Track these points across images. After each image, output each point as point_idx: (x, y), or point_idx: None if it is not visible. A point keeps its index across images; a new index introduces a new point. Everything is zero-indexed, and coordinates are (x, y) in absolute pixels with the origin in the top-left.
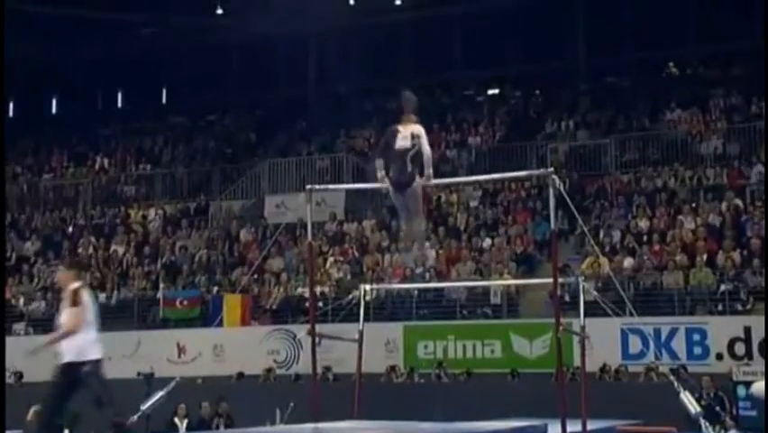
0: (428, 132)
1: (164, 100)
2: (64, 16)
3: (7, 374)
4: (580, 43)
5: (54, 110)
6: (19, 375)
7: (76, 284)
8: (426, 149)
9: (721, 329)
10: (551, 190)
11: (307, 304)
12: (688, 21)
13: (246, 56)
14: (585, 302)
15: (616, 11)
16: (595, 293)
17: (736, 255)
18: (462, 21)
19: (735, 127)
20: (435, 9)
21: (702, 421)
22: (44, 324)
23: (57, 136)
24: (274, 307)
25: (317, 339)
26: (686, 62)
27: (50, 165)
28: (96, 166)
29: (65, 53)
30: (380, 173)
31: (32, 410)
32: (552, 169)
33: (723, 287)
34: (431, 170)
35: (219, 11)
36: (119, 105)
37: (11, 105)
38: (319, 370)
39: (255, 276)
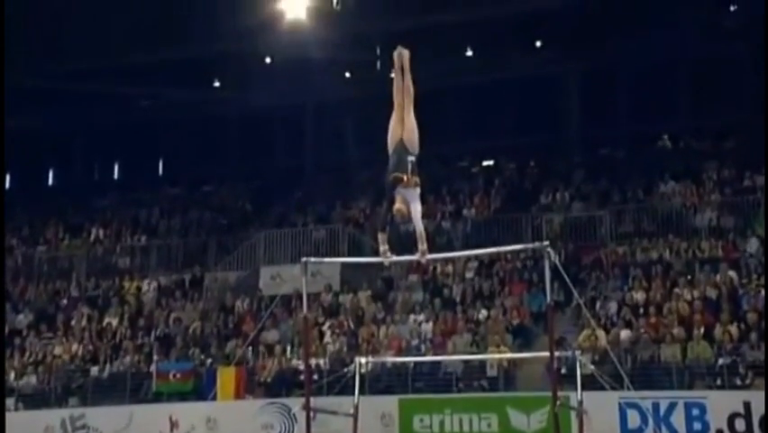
0: (423, 202)
1: (160, 171)
2: (62, 89)
3: None
4: (574, 116)
5: (51, 181)
6: None
7: None
8: (418, 222)
9: (721, 404)
10: (546, 262)
11: (302, 377)
12: (681, 94)
13: (242, 127)
14: (582, 376)
15: (609, 84)
16: (592, 367)
17: (734, 329)
18: (457, 93)
19: (728, 200)
20: (430, 82)
21: None
22: (34, 398)
23: (53, 207)
24: (269, 380)
25: (312, 413)
26: (679, 135)
27: (45, 237)
28: (92, 237)
29: (63, 125)
30: (383, 247)
31: None
32: (547, 241)
33: (721, 361)
34: (425, 246)
35: (216, 84)
36: (116, 176)
37: (7, 177)
38: None
39: (250, 348)
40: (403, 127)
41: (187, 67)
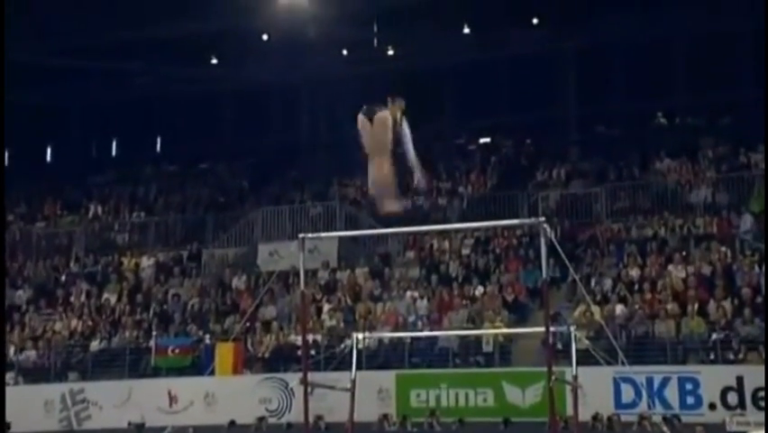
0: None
1: (158, 148)
2: (60, 66)
3: None
4: (570, 93)
5: (49, 158)
6: (7, 426)
7: None
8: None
9: (714, 379)
10: (542, 239)
11: (300, 352)
12: (677, 72)
13: (240, 105)
14: (577, 351)
15: (606, 62)
16: (587, 342)
17: (728, 304)
18: (454, 70)
19: (723, 177)
20: (427, 60)
21: None
22: (34, 373)
23: (51, 184)
24: (266, 355)
25: (310, 388)
26: (675, 112)
27: (44, 213)
28: (90, 214)
29: (60, 102)
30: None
31: None
32: (543, 218)
33: (714, 336)
34: (419, 171)
35: (214, 60)
36: (113, 153)
37: (5, 153)
38: (311, 419)
39: (248, 324)
40: None
41: (184, 44)
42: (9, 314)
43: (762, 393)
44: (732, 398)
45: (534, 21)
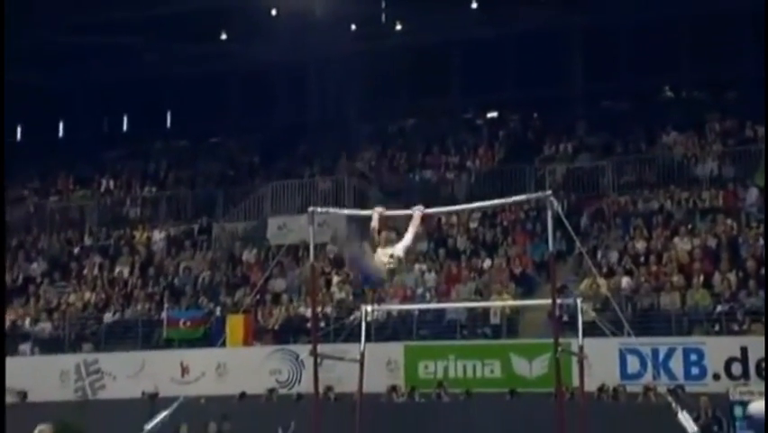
0: (428, 154)
1: (168, 124)
2: (70, 43)
3: (12, 393)
4: (577, 68)
5: (61, 134)
6: (24, 395)
7: None
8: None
9: (718, 350)
10: (549, 212)
11: (309, 324)
12: (683, 46)
13: (249, 80)
14: (583, 322)
15: (612, 36)
16: (593, 314)
17: (732, 277)
18: (462, 46)
19: (730, 150)
20: (435, 35)
21: None
22: (49, 344)
23: (63, 160)
24: (276, 327)
25: (319, 359)
26: (681, 87)
27: (57, 188)
28: (102, 188)
29: (72, 79)
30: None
31: (37, 430)
32: (550, 191)
33: (719, 308)
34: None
35: (223, 36)
36: (124, 129)
37: (18, 129)
38: (321, 390)
39: (258, 296)
40: None
41: (194, 20)
42: (24, 286)
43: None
44: (736, 368)
45: None
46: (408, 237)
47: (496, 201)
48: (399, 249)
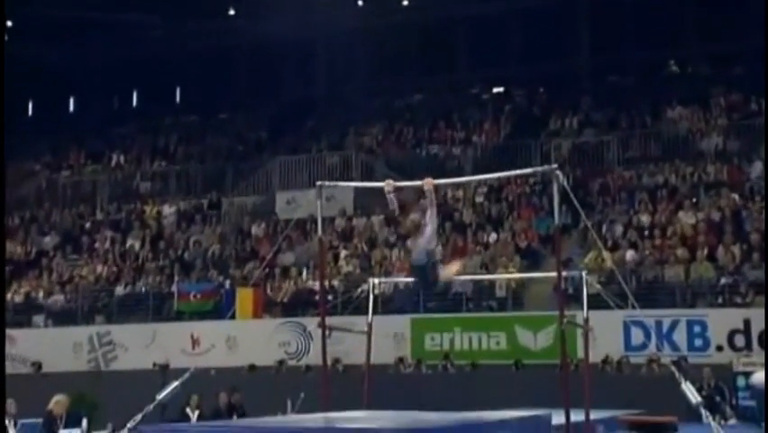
0: (434, 129)
1: (178, 100)
2: (81, 20)
3: (26, 364)
4: (583, 43)
5: (72, 110)
6: (38, 366)
7: None
8: (430, 232)
9: (721, 322)
10: (555, 186)
11: (317, 297)
12: (688, 20)
13: (257, 56)
14: (588, 295)
15: (618, 11)
16: (598, 286)
17: (736, 249)
18: (468, 22)
19: (735, 124)
20: (442, 11)
21: (703, 411)
22: (62, 316)
23: (74, 135)
24: (285, 300)
25: (327, 331)
26: (687, 61)
27: (68, 163)
28: (113, 163)
29: (82, 55)
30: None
31: (53, 400)
32: (556, 165)
33: (723, 280)
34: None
35: (231, 12)
36: (134, 104)
37: (30, 105)
38: (329, 361)
39: (267, 270)
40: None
41: None
42: (38, 259)
43: None
44: (739, 340)
45: None
46: (433, 219)
47: (502, 173)
48: (433, 240)
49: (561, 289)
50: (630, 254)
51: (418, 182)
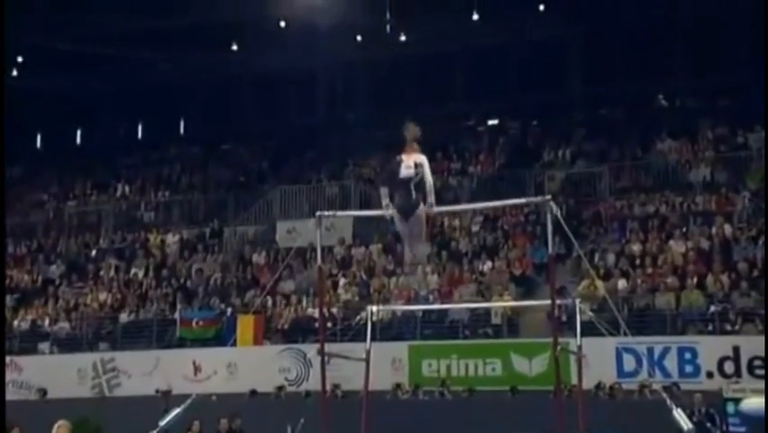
0: (431, 160)
1: (182, 131)
2: (88, 53)
3: (32, 391)
4: (575, 76)
5: (78, 141)
6: (43, 392)
7: None
8: (428, 177)
9: (711, 349)
10: (548, 216)
11: (317, 324)
12: (677, 55)
13: (259, 88)
14: (581, 322)
15: (609, 46)
16: (591, 314)
17: (725, 278)
18: (463, 55)
19: (721, 156)
20: (438, 44)
21: None
22: (67, 343)
23: (81, 165)
24: (285, 327)
25: (327, 358)
26: (675, 95)
27: (74, 193)
28: (118, 193)
29: (89, 87)
30: (385, 201)
31: (56, 426)
32: (549, 196)
33: (712, 308)
34: (433, 198)
35: (234, 46)
36: (139, 135)
37: (38, 136)
38: (328, 387)
39: (267, 298)
40: None
41: (206, 31)
42: (44, 287)
43: (757, 362)
44: (729, 367)
45: (541, 7)
46: (428, 176)
47: (497, 203)
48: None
49: (555, 316)
50: (622, 283)
51: (418, 211)
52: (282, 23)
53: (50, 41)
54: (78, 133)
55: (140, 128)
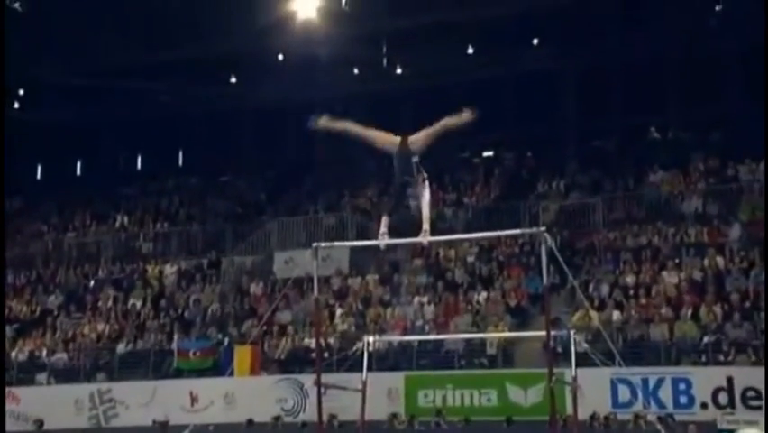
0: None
1: (180, 163)
2: (89, 85)
3: (29, 422)
4: (569, 109)
5: (78, 172)
6: (40, 423)
7: None
8: (427, 199)
9: (705, 379)
10: (543, 247)
11: (314, 355)
12: (669, 89)
13: (257, 121)
14: (576, 353)
15: (603, 79)
16: (585, 345)
17: (718, 309)
18: (458, 87)
19: (713, 188)
20: (433, 78)
21: None
22: (65, 374)
23: (80, 196)
24: (282, 357)
25: (323, 388)
26: (668, 127)
27: (74, 224)
28: (117, 224)
29: (89, 119)
30: (383, 230)
31: None
32: (543, 227)
33: (706, 339)
34: (428, 226)
35: (233, 79)
36: (139, 167)
37: (38, 167)
38: (325, 417)
39: (264, 328)
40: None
41: (205, 64)
42: (42, 318)
43: (751, 393)
44: (723, 397)
45: (535, 41)
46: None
47: (492, 234)
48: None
49: (550, 347)
50: (616, 314)
51: (413, 239)
52: (280, 56)
53: (51, 73)
54: (78, 164)
55: (139, 159)
